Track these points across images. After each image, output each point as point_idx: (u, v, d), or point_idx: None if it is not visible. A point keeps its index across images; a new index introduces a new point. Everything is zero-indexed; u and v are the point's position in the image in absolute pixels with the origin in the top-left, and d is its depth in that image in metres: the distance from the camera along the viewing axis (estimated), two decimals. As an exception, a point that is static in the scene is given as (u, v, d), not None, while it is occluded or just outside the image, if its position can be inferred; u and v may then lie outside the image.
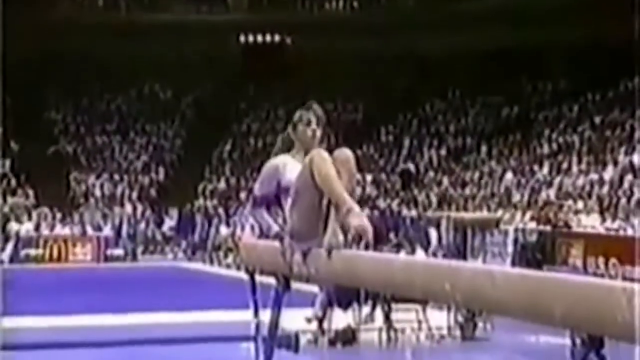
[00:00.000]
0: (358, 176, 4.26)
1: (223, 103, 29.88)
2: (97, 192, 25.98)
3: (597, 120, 23.09)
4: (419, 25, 27.09)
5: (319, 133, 4.54)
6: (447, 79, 27.94)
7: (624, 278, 15.20)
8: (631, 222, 17.27)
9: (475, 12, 26.33)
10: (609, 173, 19.75)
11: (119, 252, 22.88)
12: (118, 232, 23.56)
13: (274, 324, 4.69)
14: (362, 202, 24.20)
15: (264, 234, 4.57)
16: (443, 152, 26.16)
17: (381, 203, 23.66)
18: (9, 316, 10.41)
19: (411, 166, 25.62)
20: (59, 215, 23.38)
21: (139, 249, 23.45)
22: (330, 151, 4.29)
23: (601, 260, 16.31)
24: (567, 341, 6.87)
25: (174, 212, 25.21)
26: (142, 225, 24.44)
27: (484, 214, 19.87)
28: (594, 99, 24.44)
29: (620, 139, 21.40)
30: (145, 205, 25.59)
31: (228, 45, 30.56)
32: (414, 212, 21.93)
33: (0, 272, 13.78)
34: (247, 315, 4.96)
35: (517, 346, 9.59)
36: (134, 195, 26.11)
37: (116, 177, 26.77)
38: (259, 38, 31.72)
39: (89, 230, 23.00)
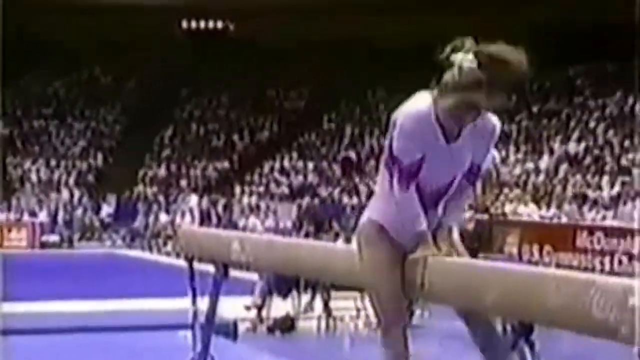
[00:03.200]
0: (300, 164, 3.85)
1: (165, 89, 29.64)
2: (34, 177, 25.63)
3: (535, 109, 23.44)
4: (364, 11, 27.15)
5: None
6: (390, 67, 28.06)
7: (558, 265, 15.51)
8: (565, 210, 17.63)
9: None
10: (544, 162, 20.09)
11: (54, 238, 22.63)
12: (54, 218, 23.30)
13: (212, 311, 4.71)
14: (303, 190, 24.28)
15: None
16: (385, 140, 26.28)
17: (322, 191, 23.73)
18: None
19: (352, 154, 25.73)
20: (-7, 201, 23.05)
21: (76, 236, 23.20)
22: None
23: (536, 248, 16.62)
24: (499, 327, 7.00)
25: (113, 199, 25.00)
26: (79, 211, 24.18)
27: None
28: (531, 88, 24.79)
29: (556, 128, 21.79)
30: (83, 191, 25.31)
31: (170, 31, 30.32)
32: (355, 201, 22.04)
33: None
34: (185, 303, 4.96)
35: (451, 332, 9.66)
36: (71, 180, 25.80)
37: (53, 162, 26.42)
38: (202, 24, 31.54)
39: (25, 216, 22.72)
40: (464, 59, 3.07)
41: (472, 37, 3.26)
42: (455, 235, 3.31)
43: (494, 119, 3.26)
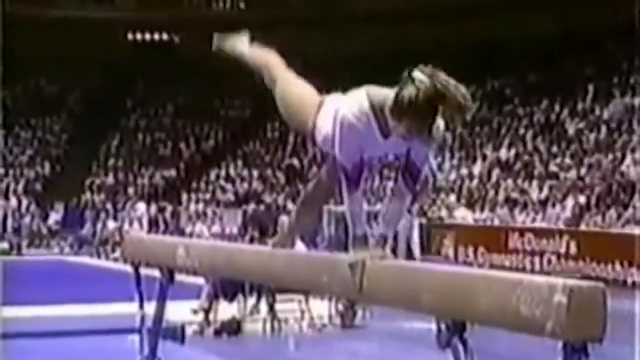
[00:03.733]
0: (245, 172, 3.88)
1: (111, 99, 29.36)
2: (-18, 187, 25.20)
3: (468, 116, 23.71)
4: (306, 24, 27.23)
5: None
6: (331, 79, 28.10)
7: (492, 265, 15.72)
8: (497, 213, 17.87)
9: (363, 13, 26.63)
10: (478, 168, 20.33)
11: (3, 245, 22.25)
12: (3, 225, 22.93)
13: (159, 315, 4.69)
14: (248, 197, 24.23)
15: None
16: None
17: (267, 198, 23.71)
18: None
19: (296, 162, 25.75)
20: (-58, 210, 22.61)
21: (24, 243, 22.87)
22: None
23: (471, 249, 16.83)
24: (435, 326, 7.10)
25: (60, 207, 24.68)
26: (27, 219, 23.82)
27: (364, 207, 20.14)
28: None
29: (488, 135, 22.07)
30: (31, 199, 24.94)
31: (116, 42, 30.05)
32: (297, 206, 22.07)
33: None
34: (133, 307, 4.93)
35: (392, 332, 9.79)
36: (19, 188, 25.41)
37: (1, 170, 25.98)
38: (147, 36, 31.33)
39: (-27, 225, 22.34)
40: (424, 80, 3.02)
41: (413, 52, 3.31)
42: (402, 244, 3.34)
43: (440, 124, 3.22)
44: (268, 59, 3.76)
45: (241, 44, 3.91)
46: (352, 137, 3.14)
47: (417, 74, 3.01)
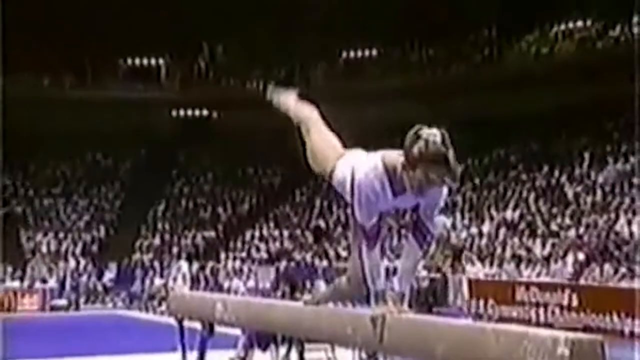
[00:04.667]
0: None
1: (157, 169, 29.62)
2: (44, 249, 25.32)
3: (477, 182, 23.66)
4: (327, 101, 27.41)
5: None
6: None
7: (500, 317, 15.49)
8: (505, 268, 17.67)
9: (378, 90, 26.86)
10: (486, 227, 20.19)
11: (62, 302, 22.23)
12: (62, 284, 22.95)
13: (200, 365, 4.66)
14: (280, 255, 24.16)
15: None
16: (349, 211, 26.30)
17: (297, 255, 23.63)
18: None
19: (322, 223, 25.72)
20: (9, 270, 22.71)
21: (82, 299, 22.82)
22: None
23: (482, 301, 16.60)
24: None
25: (113, 266, 24.71)
26: (84, 277, 23.85)
27: (384, 263, 20.00)
28: (473, 163, 25.08)
29: (495, 198, 21.96)
30: (87, 259, 25.02)
31: (161, 119, 30.47)
32: (325, 263, 21.95)
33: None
34: (176, 357, 4.90)
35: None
36: (77, 250, 25.54)
37: (61, 234, 26.17)
38: (189, 112, 31.72)
39: (37, 283, 22.37)
40: (431, 134, 3.06)
41: (424, 121, 3.33)
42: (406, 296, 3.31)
43: (444, 190, 3.21)
44: (308, 114, 3.82)
45: (289, 99, 3.98)
46: (369, 201, 3.16)
47: (426, 130, 3.02)
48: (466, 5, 26.34)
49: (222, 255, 24.78)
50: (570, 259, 16.48)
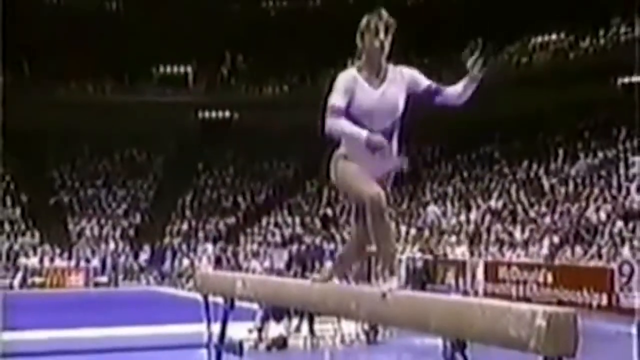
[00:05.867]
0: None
1: (185, 163, 29.66)
2: (88, 233, 25.40)
3: (465, 175, 23.61)
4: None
5: (387, 45, 3.10)
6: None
7: (485, 293, 15.47)
8: (490, 251, 17.63)
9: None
10: (473, 215, 20.14)
11: (104, 279, 22.33)
12: (103, 263, 23.02)
13: (222, 333, 4.66)
14: (292, 239, 24.15)
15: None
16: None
17: (307, 239, 23.60)
18: (18, 330, 10.08)
19: (329, 211, 25.70)
20: (58, 251, 22.81)
21: (120, 277, 22.91)
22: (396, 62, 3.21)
23: (469, 280, 16.58)
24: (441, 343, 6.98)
25: (147, 248, 24.76)
26: (122, 258, 23.93)
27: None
28: (462, 159, 25.03)
29: (481, 189, 21.90)
30: (125, 242, 25.09)
31: (189, 119, 30.50)
32: (332, 246, 21.94)
33: (1, 296, 13.31)
34: (202, 327, 4.91)
35: (407, 347, 9.64)
36: (116, 234, 25.60)
37: (102, 220, 26.23)
38: (213, 114, 31.73)
39: (81, 263, 22.47)
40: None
41: (418, 122, 3.29)
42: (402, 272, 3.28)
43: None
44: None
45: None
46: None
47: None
48: (452, 19, 26.24)
49: (242, 239, 24.81)
50: (546, 242, 16.43)
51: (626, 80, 23.40)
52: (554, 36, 25.37)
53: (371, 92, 3.09)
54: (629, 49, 20.00)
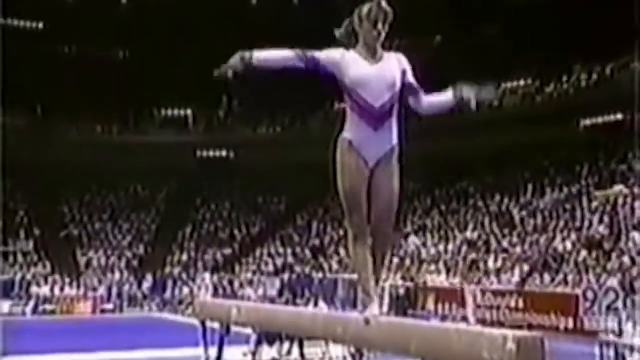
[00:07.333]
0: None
1: (185, 199, 29.57)
2: (95, 263, 25.18)
3: (443, 208, 23.64)
4: (325, 143, 27.40)
5: (383, 35, 2.97)
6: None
7: (463, 318, 15.38)
8: (468, 279, 17.58)
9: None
10: (451, 245, 20.13)
11: (110, 306, 22.11)
12: (109, 292, 22.83)
13: (219, 357, 4.62)
14: (284, 268, 24.01)
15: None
16: (341, 232, 26.23)
17: (298, 269, 23.50)
18: (27, 355, 9.92)
19: (318, 242, 25.63)
20: (67, 281, 22.59)
21: (125, 304, 22.69)
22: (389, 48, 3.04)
23: (447, 306, 16.50)
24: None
25: (150, 277, 24.57)
26: (127, 286, 23.70)
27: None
28: (440, 194, 25.09)
29: (458, 222, 21.92)
30: (130, 272, 24.88)
31: (188, 158, 30.52)
32: (320, 275, 21.83)
33: (1, 323, 13.11)
34: (200, 351, 4.86)
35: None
36: (122, 265, 25.39)
37: (109, 252, 26.04)
38: (211, 153, 31.75)
39: (89, 291, 22.26)
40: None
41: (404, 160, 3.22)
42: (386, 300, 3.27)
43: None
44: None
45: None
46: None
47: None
48: (434, 67, 26.49)
49: (237, 269, 24.65)
50: (517, 270, 16.42)
51: (587, 122, 23.70)
52: (522, 82, 25.77)
53: (367, 65, 2.94)
54: (590, 93, 20.32)
